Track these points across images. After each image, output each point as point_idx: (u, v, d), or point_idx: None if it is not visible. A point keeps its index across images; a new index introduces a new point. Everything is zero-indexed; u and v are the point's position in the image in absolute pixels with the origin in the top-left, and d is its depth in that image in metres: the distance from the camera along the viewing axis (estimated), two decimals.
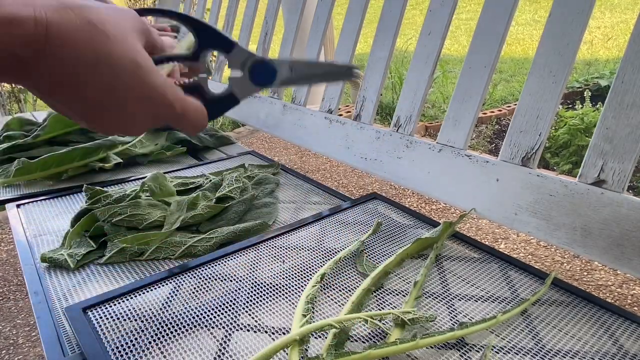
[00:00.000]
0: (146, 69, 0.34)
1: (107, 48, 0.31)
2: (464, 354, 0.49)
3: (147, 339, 0.52)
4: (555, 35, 0.65)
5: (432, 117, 3.13)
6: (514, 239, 1.67)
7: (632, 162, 0.57)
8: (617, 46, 4.73)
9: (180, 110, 0.37)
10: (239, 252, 0.69)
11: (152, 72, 0.34)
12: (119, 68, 0.32)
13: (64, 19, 0.30)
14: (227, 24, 1.44)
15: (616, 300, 1.34)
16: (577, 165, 2.14)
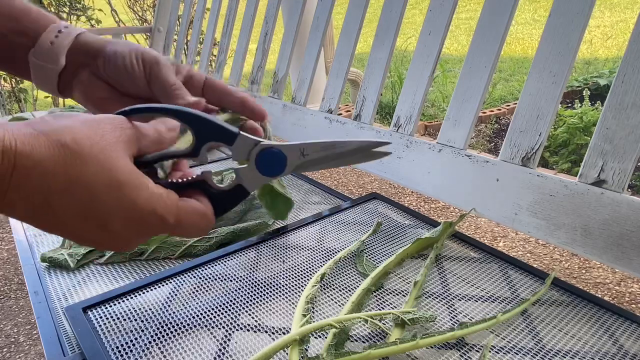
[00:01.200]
0: (129, 186, 0.31)
1: (79, 170, 0.29)
2: (464, 354, 0.49)
3: (147, 339, 0.52)
4: (555, 35, 0.65)
5: (432, 116, 3.13)
6: (513, 237, 1.67)
7: (632, 162, 0.57)
8: (616, 45, 4.72)
9: (175, 221, 0.33)
10: (239, 252, 0.69)
11: (136, 188, 0.31)
12: (96, 189, 0.29)
13: (35, 148, 0.27)
14: (227, 24, 1.44)
15: (614, 298, 1.35)
16: (576, 164, 2.14)
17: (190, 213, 0.34)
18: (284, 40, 1.18)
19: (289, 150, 0.36)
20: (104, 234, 0.31)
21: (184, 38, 1.81)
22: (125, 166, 0.31)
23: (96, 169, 0.29)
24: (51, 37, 0.43)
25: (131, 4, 3.86)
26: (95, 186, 0.29)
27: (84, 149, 0.29)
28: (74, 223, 0.30)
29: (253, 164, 0.35)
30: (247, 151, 0.35)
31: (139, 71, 0.44)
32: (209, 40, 1.55)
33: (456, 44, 5.58)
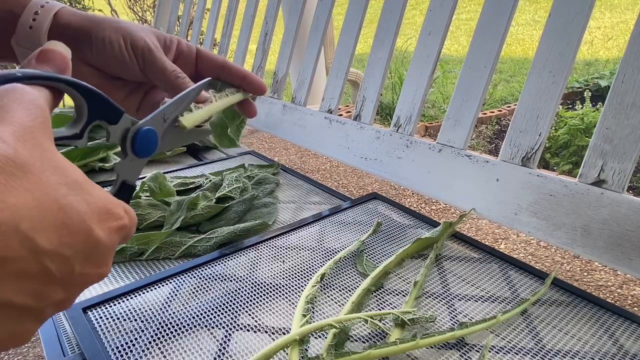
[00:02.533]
0: (86, 182, 0.24)
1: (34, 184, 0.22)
2: (464, 354, 0.49)
3: (147, 339, 0.52)
4: (555, 35, 0.65)
5: (432, 117, 3.14)
6: (514, 239, 1.67)
7: (632, 162, 0.57)
8: (617, 46, 4.73)
9: (128, 215, 0.27)
10: (239, 252, 0.69)
11: (89, 183, 0.25)
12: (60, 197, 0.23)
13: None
14: (227, 24, 1.44)
15: (616, 300, 1.34)
16: (577, 166, 2.14)
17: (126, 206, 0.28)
18: (284, 40, 1.18)
19: (154, 123, 0.34)
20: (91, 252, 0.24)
21: (184, 38, 1.81)
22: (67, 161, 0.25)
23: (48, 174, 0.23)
24: (29, 20, 0.39)
25: (131, 4, 3.87)
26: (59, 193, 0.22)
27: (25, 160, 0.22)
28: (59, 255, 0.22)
29: (130, 146, 0.32)
30: (123, 131, 0.31)
31: (131, 59, 0.41)
32: (209, 40, 1.55)
33: (456, 44, 5.58)
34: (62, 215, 0.22)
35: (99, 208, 0.24)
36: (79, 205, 0.23)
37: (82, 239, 0.23)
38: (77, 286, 0.24)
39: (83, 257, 0.23)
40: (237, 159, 1.12)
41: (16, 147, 0.21)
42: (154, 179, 0.85)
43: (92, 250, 0.24)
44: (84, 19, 0.41)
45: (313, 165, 2.40)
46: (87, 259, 0.24)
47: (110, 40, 0.41)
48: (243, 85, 0.47)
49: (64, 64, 0.28)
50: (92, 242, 0.23)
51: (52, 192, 0.22)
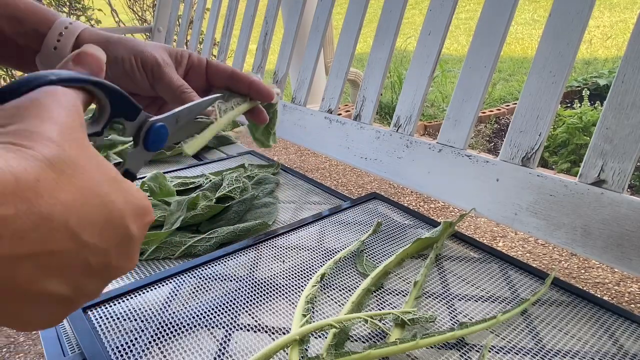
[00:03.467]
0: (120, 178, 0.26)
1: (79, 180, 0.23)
2: (464, 354, 0.49)
3: (147, 339, 0.52)
4: (555, 35, 0.65)
5: (432, 116, 3.14)
6: (512, 237, 1.67)
7: (632, 162, 0.57)
8: (616, 45, 4.73)
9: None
10: (239, 252, 0.69)
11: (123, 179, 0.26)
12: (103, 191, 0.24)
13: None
14: (227, 24, 1.44)
15: (613, 297, 1.35)
16: (575, 164, 2.14)
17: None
18: (284, 40, 1.18)
19: (167, 121, 0.35)
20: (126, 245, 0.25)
21: (184, 38, 1.81)
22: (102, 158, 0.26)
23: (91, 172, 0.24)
24: (54, 42, 0.42)
25: (131, 4, 3.86)
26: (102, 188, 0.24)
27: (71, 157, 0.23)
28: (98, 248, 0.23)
29: (141, 141, 0.34)
30: (138, 125, 0.33)
31: (141, 75, 0.43)
32: (209, 40, 1.55)
33: (456, 44, 5.58)
34: (105, 212, 0.23)
35: (134, 205, 0.25)
36: (118, 202, 0.24)
37: (120, 234, 0.24)
38: (110, 278, 0.25)
39: (119, 251, 0.24)
40: (237, 158, 1.12)
41: (64, 146, 0.22)
42: (154, 178, 0.85)
43: (127, 245, 0.25)
44: (102, 39, 0.43)
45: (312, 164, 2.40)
46: (122, 253, 0.25)
47: (122, 59, 0.43)
48: (250, 93, 0.49)
49: (98, 66, 0.30)
50: (127, 237, 0.25)
51: (97, 189, 0.23)
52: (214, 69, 0.48)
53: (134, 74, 0.43)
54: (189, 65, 0.47)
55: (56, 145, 0.22)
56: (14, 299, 0.21)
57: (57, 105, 0.24)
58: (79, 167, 0.22)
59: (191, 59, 0.47)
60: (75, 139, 0.23)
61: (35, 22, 0.42)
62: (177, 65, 0.46)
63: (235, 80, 0.48)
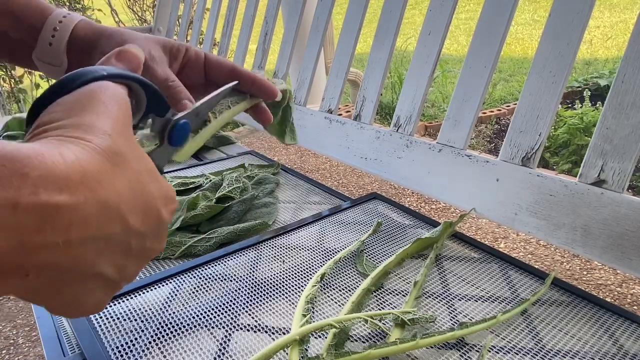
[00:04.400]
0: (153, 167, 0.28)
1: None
2: (464, 354, 0.49)
3: (147, 339, 0.52)
4: (555, 35, 0.65)
5: (432, 117, 3.13)
6: (514, 238, 1.67)
7: (632, 162, 0.57)
8: (616, 46, 4.72)
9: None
10: (239, 252, 0.69)
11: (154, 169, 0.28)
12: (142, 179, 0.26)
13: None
14: (227, 24, 1.44)
15: (615, 299, 1.34)
16: (576, 165, 2.13)
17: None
18: (284, 40, 1.18)
19: (190, 117, 0.37)
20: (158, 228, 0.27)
21: (184, 38, 1.81)
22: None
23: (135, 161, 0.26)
24: (49, 37, 0.41)
25: (131, 4, 3.86)
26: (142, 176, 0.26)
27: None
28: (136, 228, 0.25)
29: (166, 137, 0.35)
30: (164, 122, 0.35)
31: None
32: (209, 40, 1.55)
33: (456, 44, 5.58)
34: (145, 199, 0.26)
35: (165, 193, 0.28)
36: (154, 190, 0.26)
37: (155, 219, 0.26)
38: (146, 260, 0.28)
39: (153, 234, 0.27)
40: (237, 158, 1.12)
41: (117, 140, 0.24)
42: None
43: (159, 229, 0.27)
44: (96, 31, 0.43)
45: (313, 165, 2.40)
46: (155, 236, 0.27)
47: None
48: (253, 90, 0.47)
49: (137, 64, 0.32)
50: (160, 222, 0.27)
51: (141, 179, 0.25)
52: (214, 64, 0.47)
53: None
54: (185, 60, 0.46)
55: (110, 138, 0.24)
56: (76, 281, 0.23)
57: (110, 100, 0.26)
58: (127, 159, 0.25)
59: (188, 53, 0.46)
60: (125, 132, 0.26)
61: (30, 18, 0.41)
62: (172, 59, 0.45)
63: (237, 76, 0.46)
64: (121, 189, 0.24)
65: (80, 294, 0.24)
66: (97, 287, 0.25)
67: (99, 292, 0.25)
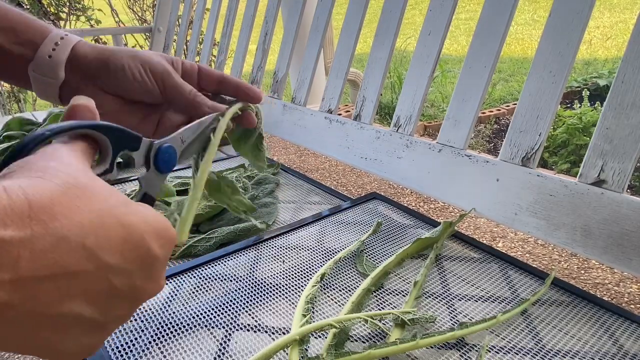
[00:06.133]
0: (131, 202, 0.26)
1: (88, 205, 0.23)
2: (464, 354, 0.49)
3: (147, 339, 0.52)
4: (555, 35, 0.65)
5: (432, 117, 3.14)
6: (512, 238, 1.67)
7: (632, 162, 0.57)
8: (615, 46, 4.73)
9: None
10: (239, 252, 0.69)
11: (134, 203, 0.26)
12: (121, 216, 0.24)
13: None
14: (227, 24, 1.44)
15: (613, 298, 1.34)
16: (575, 165, 2.14)
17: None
18: (284, 40, 1.18)
19: (174, 142, 0.36)
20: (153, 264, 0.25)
21: (184, 38, 1.81)
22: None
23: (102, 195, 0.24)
24: (49, 50, 0.42)
25: (131, 4, 3.86)
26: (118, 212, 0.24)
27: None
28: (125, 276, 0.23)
29: (153, 165, 0.34)
30: (145, 152, 0.34)
31: (152, 84, 0.44)
32: (208, 40, 1.55)
33: (456, 44, 5.58)
34: (123, 232, 0.23)
35: (153, 225, 0.25)
36: (136, 222, 0.24)
37: (142, 254, 0.24)
38: (137, 301, 0.25)
39: (143, 273, 0.24)
40: (237, 159, 1.12)
41: (75, 175, 0.23)
42: None
43: (150, 265, 0.25)
44: (100, 50, 0.44)
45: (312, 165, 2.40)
46: (147, 275, 0.25)
47: (130, 68, 0.43)
48: (238, 95, 0.49)
49: (90, 113, 0.30)
50: (150, 257, 0.25)
51: (113, 211, 0.23)
52: (205, 74, 0.49)
53: (144, 83, 0.44)
54: (183, 71, 0.48)
55: (66, 174, 0.22)
56: (41, 323, 0.21)
57: (58, 155, 0.25)
58: (92, 192, 0.23)
59: (184, 66, 0.48)
60: (83, 170, 0.24)
61: (30, 33, 0.42)
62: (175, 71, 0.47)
63: (225, 84, 0.48)
64: (86, 222, 0.22)
65: (54, 338, 0.22)
66: (77, 330, 0.23)
67: (81, 336, 0.23)
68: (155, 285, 0.26)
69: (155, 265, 0.25)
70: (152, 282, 0.25)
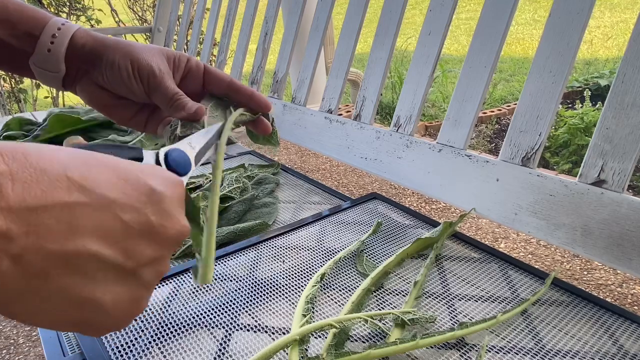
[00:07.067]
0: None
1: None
2: (464, 354, 0.49)
3: (147, 339, 0.52)
4: (555, 35, 0.65)
5: (432, 117, 3.14)
6: (514, 239, 1.67)
7: (632, 162, 0.57)
8: (616, 46, 4.72)
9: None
10: (239, 252, 0.69)
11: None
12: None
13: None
14: (227, 24, 1.44)
15: (616, 299, 1.34)
16: (576, 165, 2.13)
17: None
18: (284, 40, 1.18)
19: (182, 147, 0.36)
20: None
21: (184, 38, 1.81)
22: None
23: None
24: (47, 44, 0.41)
25: (131, 4, 3.86)
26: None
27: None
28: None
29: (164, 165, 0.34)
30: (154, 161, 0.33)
31: (137, 84, 0.43)
32: (208, 40, 1.55)
33: (456, 44, 5.58)
34: (116, 172, 0.23)
35: (151, 169, 0.25)
36: (130, 166, 0.24)
37: (145, 191, 0.24)
38: (161, 240, 0.24)
39: (154, 209, 0.24)
40: (237, 159, 1.12)
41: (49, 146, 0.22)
42: None
43: (159, 202, 0.24)
44: (97, 42, 0.43)
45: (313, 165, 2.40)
46: (159, 211, 0.24)
47: (118, 66, 0.42)
48: (250, 104, 0.48)
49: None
50: (155, 194, 0.24)
51: (99, 157, 0.23)
52: (212, 76, 0.48)
53: (130, 82, 0.43)
54: (186, 70, 0.47)
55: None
56: (55, 263, 0.20)
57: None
58: (79, 152, 0.23)
59: (189, 63, 0.47)
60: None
61: (27, 25, 0.41)
62: (175, 69, 0.46)
63: (234, 90, 0.47)
64: (63, 158, 0.21)
65: (78, 284, 0.21)
66: (103, 275, 0.22)
67: (112, 284, 0.22)
68: (175, 222, 0.25)
69: (165, 202, 0.25)
70: (168, 218, 0.25)
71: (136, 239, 0.23)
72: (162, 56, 0.45)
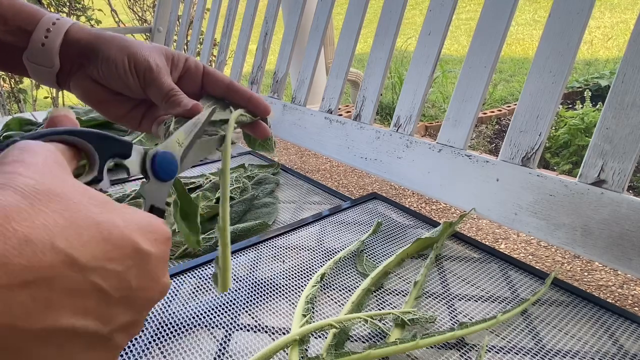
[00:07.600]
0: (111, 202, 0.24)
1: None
2: (464, 354, 0.49)
3: (147, 339, 0.52)
4: (555, 35, 0.65)
5: (432, 117, 3.14)
6: (515, 239, 1.67)
7: (632, 162, 0.57)
8: (617, 46, 4.72)
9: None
10: (239, 252, 0.69)
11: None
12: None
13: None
14: (227, 24, 1.44)
15: (617, 300, 1.34)
16: (577, 165, 2.13)
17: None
18: (284, 40, 1.18)
19: (171, 147, 0.34)
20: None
21: (184, 38, 1.81)
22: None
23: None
24: (41, 38, 0.41)
25: (131, 4, 3.86)
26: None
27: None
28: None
29: (152, 174, 0.32)
30: (140, 160, 0.32)
31: (134, 79, 0.42)
32: (208, 40, 1.55)
33: (456, 44, 5.58)
34: (100, 230, 0.21)
35: (138, 222, 0.23)
36: (116, 220, 0.22)
37: (129, 253, 0.22)
38: (139, 305, 0.23)
39: (136, 271, 0.22)
40: (237, 159, 1.12)
41: (35, 177, 0.21)
42: None
43: (143, 264, 0.23)
44: (93, 36, 0.42)
45: (313, 165, 2.40)
46: (142, 273, 0.23)
47: (114, 60, 0.42)
48: (248, 106, 0.48)
49: (70, 123, 0.29)
50: (140, 255, 0.23)
51: (84, 211, 0.21)
52: (211, 78, 0.47)
53: (126, 77, 0.42)
54: (184, 69, 0.47)
55: (25, 177, 0.20)
56: (29, 341, 0.19)
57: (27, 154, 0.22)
58: (58, 194, 0.21)
59: (188, 63, 0.47)
60: (50, 172, 0.22)
61: (20, 20, 0.41)
62: (173, 68, 0.46)
63: (233, 92, 0.47)
64: (51, 223, 0.20)
65: (53, 357, 0.20)
66: (78, 346, 0.21)
67: (86, 352, 0.21)
68: (156, 284, 0.24)
69: (150, 263, 0.23)
70: (150, 281, 0.23)
71: (113, 306, 0.22)
72: (159, 53, 0.44)
